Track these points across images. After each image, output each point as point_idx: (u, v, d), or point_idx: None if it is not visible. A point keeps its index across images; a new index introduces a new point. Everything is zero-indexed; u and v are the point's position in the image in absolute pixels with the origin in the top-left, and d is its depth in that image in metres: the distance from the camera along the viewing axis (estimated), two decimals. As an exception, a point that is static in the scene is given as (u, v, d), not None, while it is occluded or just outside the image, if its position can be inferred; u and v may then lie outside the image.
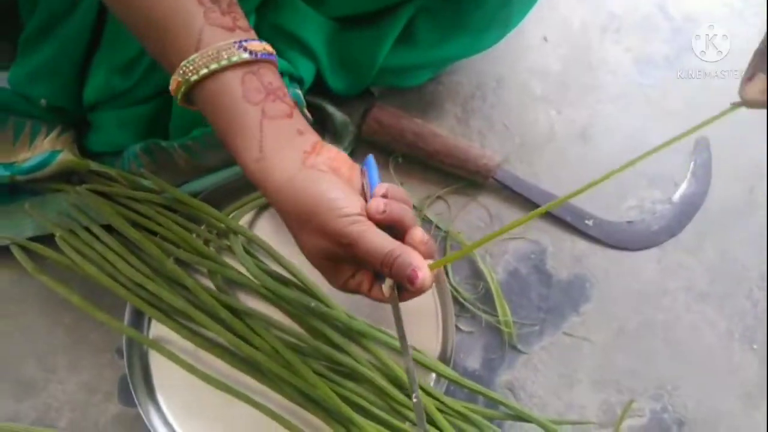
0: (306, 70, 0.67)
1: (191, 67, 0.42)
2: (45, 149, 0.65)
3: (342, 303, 0.64)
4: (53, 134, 0.65)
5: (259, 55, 0.43)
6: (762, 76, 0.43)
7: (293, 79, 0.66)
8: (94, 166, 0.65)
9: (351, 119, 0.72)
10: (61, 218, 0.65)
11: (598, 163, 0.75)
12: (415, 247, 0.43)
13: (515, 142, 0.75)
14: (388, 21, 0.67)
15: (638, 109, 0.79)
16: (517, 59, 0.79)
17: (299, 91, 0.66)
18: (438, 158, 0.70)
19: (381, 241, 0.42)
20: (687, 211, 0.75)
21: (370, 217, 0.43)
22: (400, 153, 0.71)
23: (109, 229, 0.64)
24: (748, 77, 0.43)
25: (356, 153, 0.73)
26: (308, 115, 0.68)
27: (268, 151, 0.43)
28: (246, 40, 0.43)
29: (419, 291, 0.43)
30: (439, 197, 0.72)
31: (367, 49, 0.68)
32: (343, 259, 0.45)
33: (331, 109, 0.71)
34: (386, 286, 0.45)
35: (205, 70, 0.42)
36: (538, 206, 0.72)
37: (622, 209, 0.74)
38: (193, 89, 0.43)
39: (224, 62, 0.42)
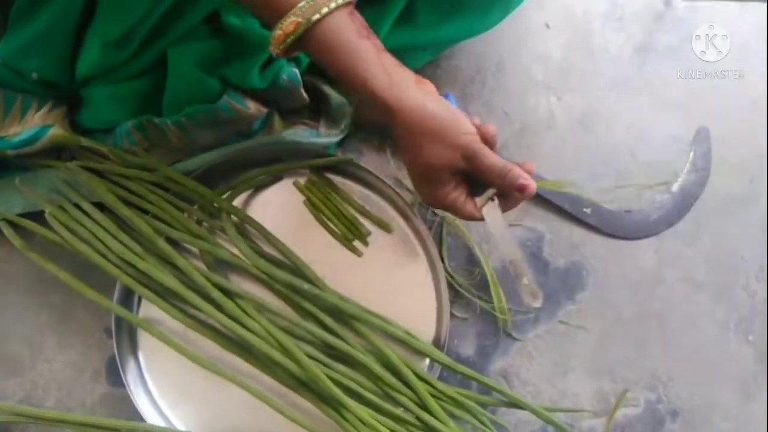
0: (303, 49, 0.66)
1: (310, 7, 0.46)
2: (36, 124, 0.63)
3: (335, 284, 0.63)
4: (44, 109, 0.64)
5: None
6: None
7: (290, 58, 0.65)
8: (85, 142, 0.64)
9: (348, 101, 0.70)
10: (52, 195, 0.64)
11: (598, 150, 0.74)
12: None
13: (515, 127, 0.74)
14: (388, 1, 0.65)
15: (639, 98, 0.78)
16: (518, 44, 0.78)
17: (296, 71, 0.65)
18: (436, 142, 0.69)
19: (497, 157, 0.50)
20: (686, 201, 0.74)
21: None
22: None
23: (100, 206, 0.63)
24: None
25: (353, 136, 0.72)
26: (304, 95, 0.67)
27: (396, 78, 0.48)
28: None
29: (527, 197, 0.51)
30: (436, 182, 0.71)
31: (366, 29, 0.67)
32: (460, 170, 0.51)
33: (328, 90, 0.70)
34: (482, 198, 0.53)
35: (325, 9, 0.46)
36: (536, 193, 0.71)
37: (621, 198, 0.73)
38: (308, 31, 0.46)
39: (333, 5, 0.46)
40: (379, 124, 0.70)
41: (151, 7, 0.57)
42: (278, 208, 0.68)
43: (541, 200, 0.71)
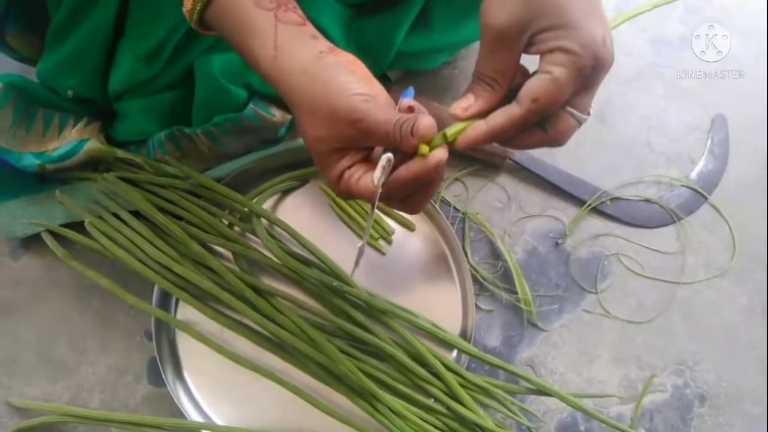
0: (324, 56, 0.68)
1: None
2: (73, 139, 0.67)
3: (363, 282, 0.65)
4: (80, 124, 0.67)
5: None
6: (469, 96, 0.45)
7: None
8: (120, 153, 0.67)
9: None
10: (90, 205, 0.67)
11: (615, 143, 0.76)
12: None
13: (531, 123, 0.76)
14: (404, 6, 0.68)
15: (654, 89, 0.79)
16: (532, 42, 0.79)
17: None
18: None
19: (389, 114, 0.42)
20: (705, 188, 0.75)
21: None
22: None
23: (136, 214, 0.66)
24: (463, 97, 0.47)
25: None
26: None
27: (282, 47, 0.44)
28: None
29: (422, 139, 0.41)
30: (457, 179, 0.73)
31: (383, 35, 0.69)
32: (348, 142, 0.44)
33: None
34: (378, 167, 0.43)
35: None
36: (555, 186, 0.73)
37: (640, 187, 0.74)
38: (207, 6, 0.45)
39: None
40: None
41: (178, 22, 0.60)
42: (305, 210, 0.70)
43: (562, 192, 0.73)
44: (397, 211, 0.70)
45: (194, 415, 0.63)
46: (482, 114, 0.44)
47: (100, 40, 0.63)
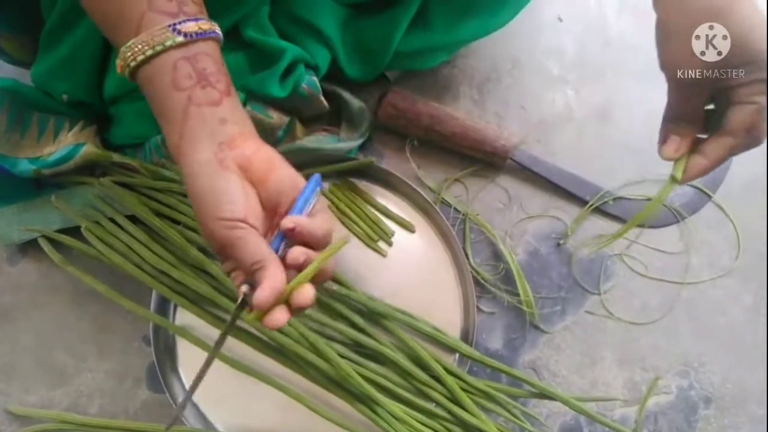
0: (321, 57, 0.67)
1: (129, 53, 0.43)
2: (69, 143, 0.66)
3: (362, 285, 0.65)
4: (76, 128, 0.67)
5: (194, 36, 0.43)
6: (675, 138, 0.50)
7: (309, 66, 0.67)
8: (116, 157, 0.67)
9: (367, 105, 0.72)
10: (87, 210, 0.66)
11: (619, 140, 0.75)
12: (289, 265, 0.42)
13: (532, 122, 0.75)
14: (402, 5, 0.67)
15: (657, 85, 0.77)
16: (532, 40, 0.78)
17: (315, 78, 0.66)
18: (455, 141, 0.70)
19: (253, 249, 0.41)
20: (709, 187, 0.74)
21: (291, 265, 0.42)
22: (417, 137, 0.72)
23: (133, 219, 0.65)
24: (662, 141, 0.51)
25: (373, 139, 0.73)
26: (324, 103, 0.69)
27: (186, 137, 0.43)
28: (181, 22, 0.43)
29: (256, 307, 0.41)
30: (457, 180, 0.72)
31: (381, 35, 0.68)
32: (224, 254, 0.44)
33: (347, 95, 0.71)
34: (243, 287, 0.43)
35: (141, 56, 0.42)
36: (557, 186, 0.72)
37: (643, 186, 0.73)
38: (133, 74, 0.44)
39: (158, 48, 0.42)
40: (399, 125, 0.71)
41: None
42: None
43: (563, 192, 0.72)
44: (396, 213, 0.69)
45: (194, 421, 0.63)
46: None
47: (95, 43, 0.62)
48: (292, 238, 0.43)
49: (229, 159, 0.43)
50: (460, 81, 0.76)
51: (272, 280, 0.41)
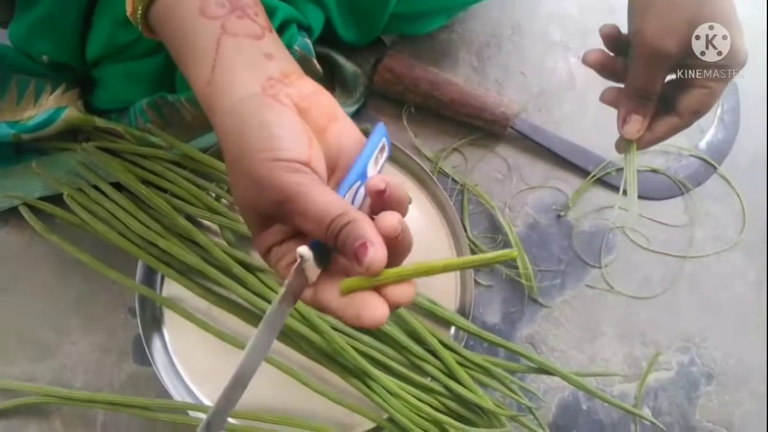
0: (315, 18, 0.64)
1: None
2: (50, 106, 0.63)
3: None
4: (58, 92, 0.64)
5: None
6: (637, 117, 0.49)
7: (301, 27, 0.63)
8: (100, 122, 0.64)
9: (362, 70, 0.69)
10: (69, 177, 0.64)
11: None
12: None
13: (533, 90, 0.72)
14: (399, -35, 0.64)
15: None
16: (533, 4, 0.75)
17: (308, 40, 0.63)
18: (454, 108, 0.67)
19: (329, 199, 0.32)
20: (714, 158, 0.72)
21: (384, 233, 0.31)
22: (414, 103, 0.69)
23: (117, 186, 0.63)
24: (624, 120, 0.50)
25: (367, 106, 0.70)
26: (318, 66, 0.66)
27: (221, 71, 0.36)
28: None
29: (366, 273, 0.31)
30: (455, 149, 0.70)
31: (377, -4, 0.65)
32: (272, 217, 0.35)
33: (341, 60, 0.69)
34: (301, 249, 0.32)
35: None
36: (558, 156, 0.70)
37: (647, 157, 0.71)
38: (149, 8, 0.39)
39: None
40: (396, 91, 0.68)
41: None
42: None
43: (565, 162, 0.70)
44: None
45: (181, 396, 0.61)
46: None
47: (76, 1, 0.59)
48: (378, 203, 0.33)
49: (283, 95, 0.35)
50: (458, 46, 0.73)
51: (375, 233, 0.31)
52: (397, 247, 0.32)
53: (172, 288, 0.63)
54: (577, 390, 0.64)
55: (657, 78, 0.47)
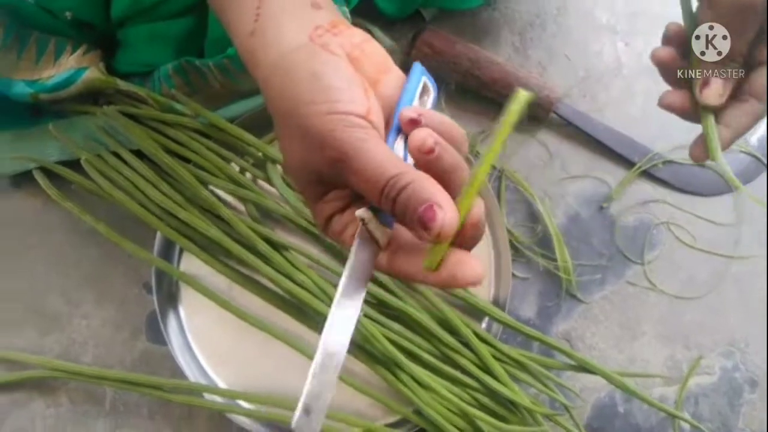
0: (353, -14, 0.61)
1: None
2: (70, 66, 0.59)
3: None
4: (79, 51, 0.60)
5: None
6: (717, 80, 0.41)
7: (339, -5, 0.60)
8: (122, 84, 0.60)
9: (399, 45, 0.66)
10: (88, 142, 0.60)
11: (670, 99, 0.68)
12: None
13: (578, 75, 0.69)
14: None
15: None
16: (581, -14, 0.72)
17: (345, 8, 0.60)
18: (495, 88, 0.64)
19: (387, 157, 0.28)
20: (766, 155, 0.68)
21: (413, 153, 0.29)
22: (453, 82, 0.65)
23: (138, 154, 0.59)
24: (704, 83, 0.42)
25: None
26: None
27: (265, 19, 0.33)
28: None
29: (437, 240, 0.27)
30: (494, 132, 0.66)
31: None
32: (328, 181, 0.32)
33: (378, 33, 0.65)
34: (360, 212, 0.29)
35: None
36: (603, 145, 0.66)
37: (695, 150, 0.67)
38: None
39: None
40: (434, 67, 0.65)
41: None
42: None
43: (609, 152, 0.66)
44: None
45: (196, 377, 0.57)
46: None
47: (104, -48, 0.56)
48: (424, 167, 0.30)
49: (334, 44, 0.32)
50: (500, 26, 0.69)
51: (443, 193, 0.28)
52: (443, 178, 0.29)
53: (191, 263, 0.59)
54: (614, 391, 0.61)
55: (743, 34, 0.40)
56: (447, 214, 0.27)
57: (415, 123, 0.30)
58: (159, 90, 0.61)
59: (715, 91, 0.41)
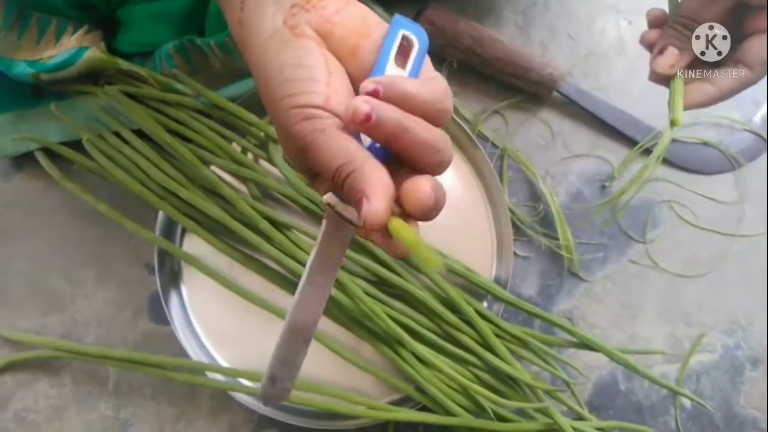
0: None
1: None
2: (71, 46, 0.59)
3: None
4: (80, 32, 0.60)
5: None
6: (673, 51, 0.45)
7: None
8: (123, 64, 0.60)
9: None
10: (89, 122, 0.60)
11: (672, 78, 0.68)
12: (405, 194, 0.29)
13: (581, 53, 0.68)
14: None
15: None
16: (583, -36, 0.71)
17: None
18: (497, 66, 0.64)
19: (339, 146, 0.29)
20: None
21: (348, 126, 0.29)
22: (455, 60, 0.65)
23: (139, 134, 0.59)
24: (659, 50, 0.46)
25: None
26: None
27: (249, 8, 0.33)
28: None
29: (365, 228, 0.28)
30: (495, 111, 0.66)
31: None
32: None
33: (378, 10, 0.65)
34: (327, 197, 0.31)
35: None
36: (605, 124, 0.66)
37: (698, 129, 0.67)
38: None
39: None
40: (436, 45, 0.64)
41: None
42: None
43: (612, 131, 0.66)
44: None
45: (198, 356, 0.57)
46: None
47: (102, -67, 0.55)
48: (367, 132, 0.29)
49: (303, 24, 0.32)
50: (503, 4, 0.69)
51: (376, 183, 0.28)
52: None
53: (193, 243, 0.59)
54: (615, 369, 0.61)
55: (710, 6, 0.42)
56: (372, 207, 0.27)
57: (376, 95, 0.28)
58: (160, 70, 0.61)
59: (667, 61, 0.45)
